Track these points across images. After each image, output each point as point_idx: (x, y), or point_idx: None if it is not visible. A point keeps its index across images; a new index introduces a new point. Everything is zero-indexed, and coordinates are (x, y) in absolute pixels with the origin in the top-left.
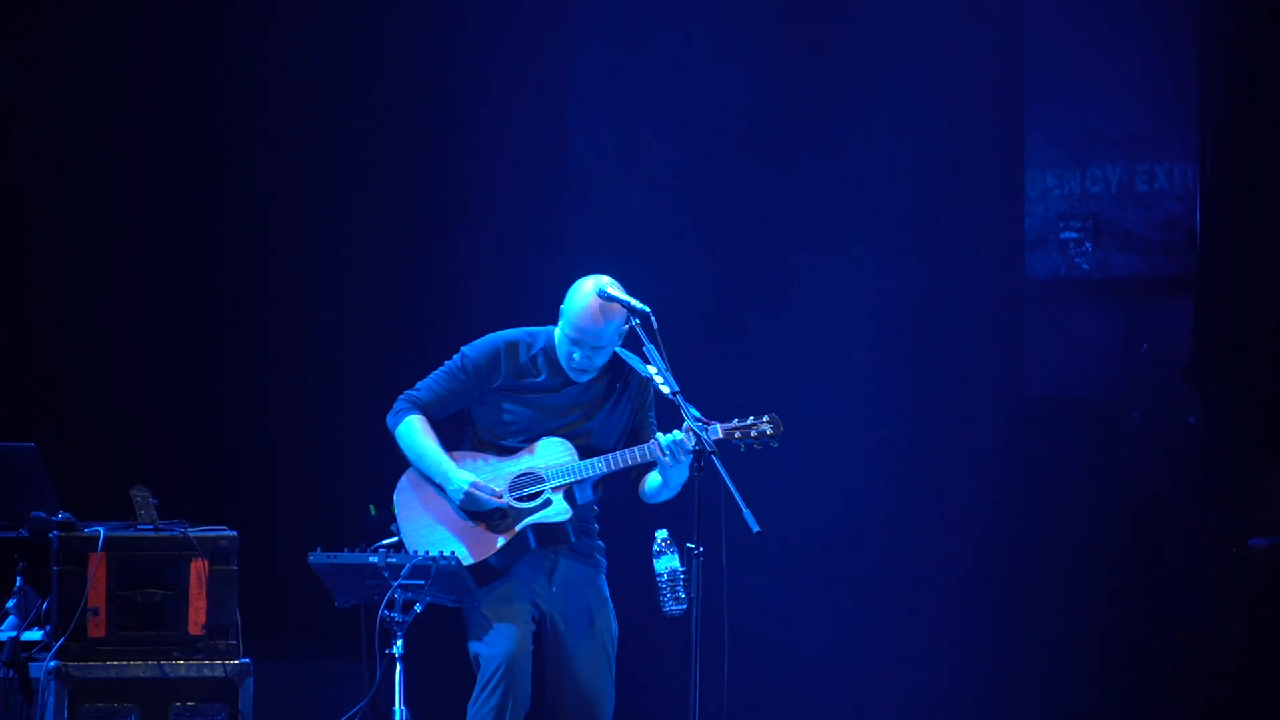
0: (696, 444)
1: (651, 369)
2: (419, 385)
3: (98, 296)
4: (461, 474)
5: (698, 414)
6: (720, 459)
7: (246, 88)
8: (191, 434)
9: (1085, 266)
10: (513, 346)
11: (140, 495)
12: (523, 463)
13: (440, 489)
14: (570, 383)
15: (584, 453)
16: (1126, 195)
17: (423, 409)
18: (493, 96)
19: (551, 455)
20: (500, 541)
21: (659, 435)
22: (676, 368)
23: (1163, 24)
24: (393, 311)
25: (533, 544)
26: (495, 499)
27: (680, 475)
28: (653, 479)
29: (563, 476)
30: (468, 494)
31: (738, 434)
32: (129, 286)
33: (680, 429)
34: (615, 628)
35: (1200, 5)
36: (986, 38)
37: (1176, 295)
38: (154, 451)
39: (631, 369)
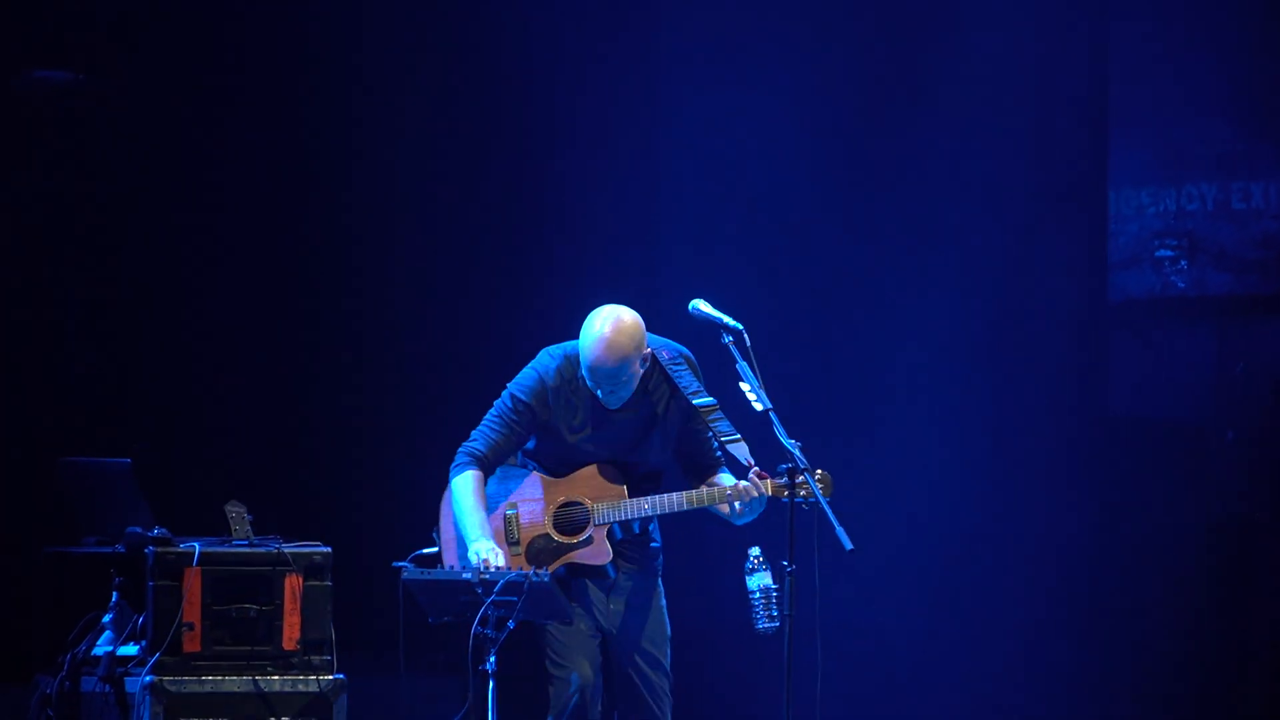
0: (791, 463)
1: (744, 385)
2: (475, 435)
3: (192, 313)
4: (480, 545)
5: (787, 438)
6: (813, 476)
7: (332, 121)
8: (287, 449)
9: (1180, 285)
10: (556, 386)
11: (235, 510)
12: (572, 491)
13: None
14: (618, 409)
15: (642, 478)
16: (1222, 213)
17: (479, 461)
18: (582, 119)
19: (601, 489)
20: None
21: (725, 479)
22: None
23: (1257, 39)
24: (483, 330)
25: (561, 573)
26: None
27: (750, 518)
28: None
29: (608, 515)
30: (475, 567)
31: (786, 494)
32: (224, 304)
33: (750, 475)
34: (668, 630)
35: None
36: (1075, 55)
37: (1272, 314)
38: (249, 466)
39: (675, 383)
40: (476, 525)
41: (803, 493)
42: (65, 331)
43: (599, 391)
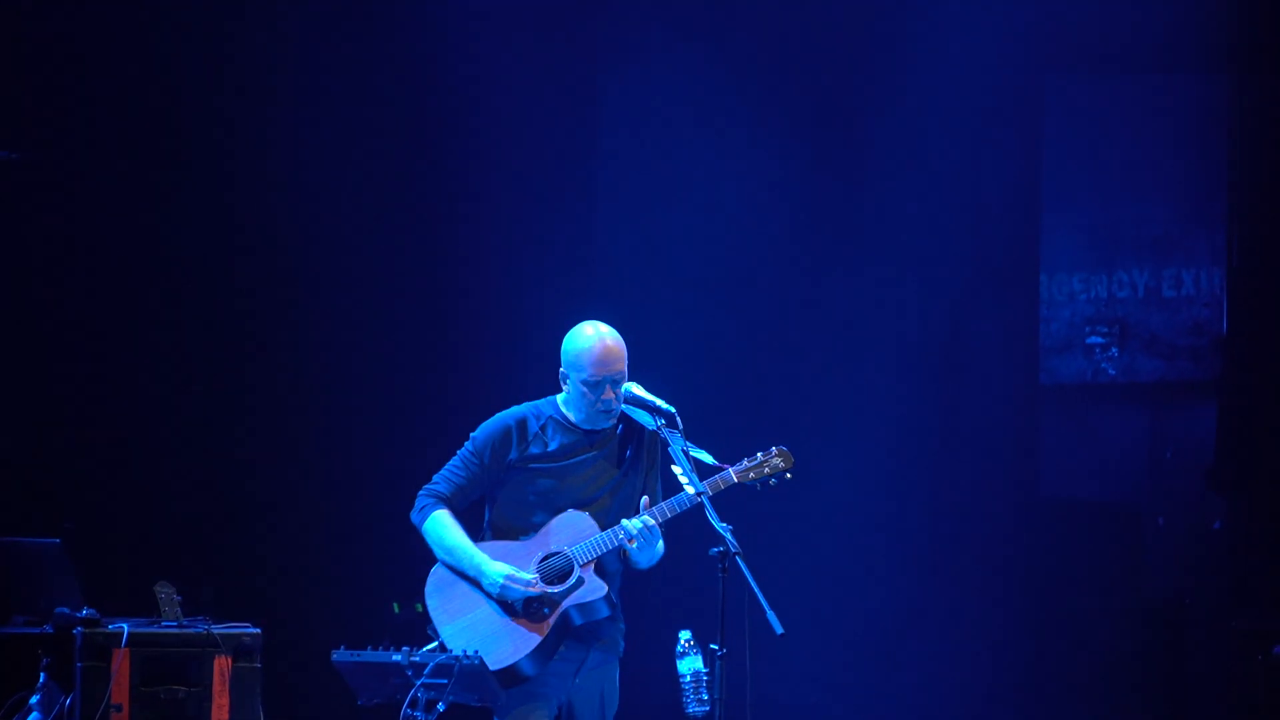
0: (722, 546)
1: (676, 469)
2: (436, 478)
3: (123, 392)
4: (496, 566)
5: (720, 523)
6: (745, 561)
7: (261, 156)
8: (216, 531)
9: (1111, 371)
10: (522, 422)
11: (164, 591)
12: (546, 545)
13: (474, 583)
14: (587, 448)
15: (606, 519)
16: (1153, 300)
17: (446, 501)
18: (520, 174)
19: (573, 531)
20: (546, 631)
21: (623, 521)
22: (701, 468)
23: (1190, 130)
24: (419, 407)
25: (577, 620)
26: (531, 589)
27: (649, 557)
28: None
29: (589, 551)
30: (504, 586)
31: (752, 474)
32: (155, 380)
33: (643, 511)
34: (616, 706)
35: (1229, 110)
36: (1011, 140)
37: (1203, 400)
38: (178, 548)
39: (641, 425)
40: (478, 556)
41: (766, 471)
42: None
43: (605, 396)
